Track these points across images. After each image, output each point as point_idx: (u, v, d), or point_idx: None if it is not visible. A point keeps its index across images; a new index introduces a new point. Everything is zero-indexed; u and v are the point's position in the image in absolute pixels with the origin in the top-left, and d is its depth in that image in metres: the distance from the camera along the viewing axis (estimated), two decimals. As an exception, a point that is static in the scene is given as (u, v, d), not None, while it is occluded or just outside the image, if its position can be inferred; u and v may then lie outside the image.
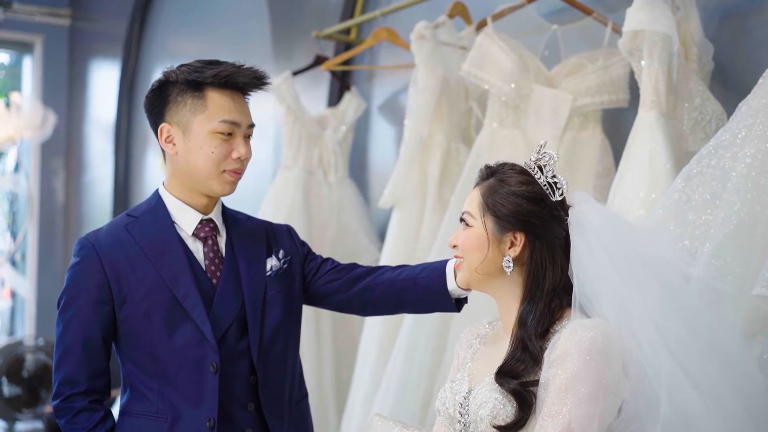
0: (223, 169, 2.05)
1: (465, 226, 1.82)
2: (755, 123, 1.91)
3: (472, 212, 1.80)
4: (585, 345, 1.60)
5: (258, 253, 2.17)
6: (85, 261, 2.06)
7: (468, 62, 2.84)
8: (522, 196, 1.76)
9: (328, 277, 2.22)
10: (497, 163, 1.84)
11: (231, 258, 2.13)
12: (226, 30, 5.16)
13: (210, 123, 2.03)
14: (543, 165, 1.78)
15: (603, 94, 2.71)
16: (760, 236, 1.86)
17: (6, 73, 7.76)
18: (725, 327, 1.74)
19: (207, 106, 2.04)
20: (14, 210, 7.42)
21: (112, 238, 2.08)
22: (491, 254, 1.77)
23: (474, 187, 1.84)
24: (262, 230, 2.23)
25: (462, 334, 1.94)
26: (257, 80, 2.10)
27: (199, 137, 2.04)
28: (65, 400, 2.04)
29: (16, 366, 6.23)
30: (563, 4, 2.82)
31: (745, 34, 2.48)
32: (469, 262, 1.80)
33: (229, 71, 2.05)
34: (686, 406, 1.62)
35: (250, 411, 2.10)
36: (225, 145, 2.04)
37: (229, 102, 2.05)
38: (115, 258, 2.05)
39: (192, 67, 2.06)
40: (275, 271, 2.17)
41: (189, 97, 2.05)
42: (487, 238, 1.77)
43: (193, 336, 2.04)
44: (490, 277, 1.80)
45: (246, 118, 2.08)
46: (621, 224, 1.78)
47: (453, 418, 1.78)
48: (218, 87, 2.05)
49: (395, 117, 3.80)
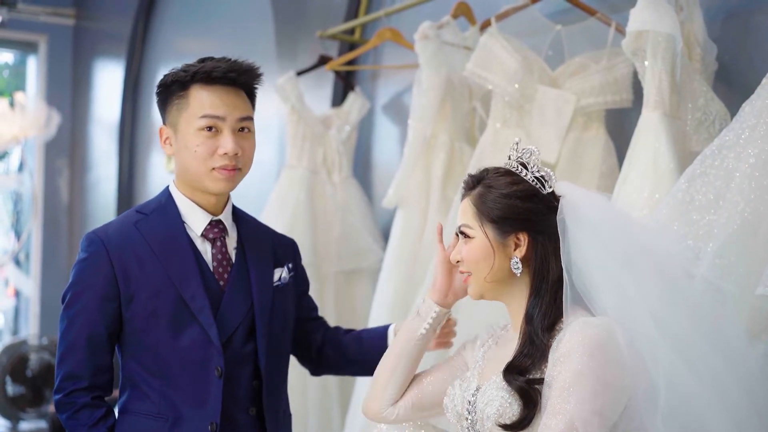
0: (212, 167, 2.04)
1: (465, 240, 1.81)
2: (759, 123, 1.91)
3: (469, 224, 1.80)
4: (589, 343, 1.61)
5: (266, 260, 2.17)
6: (94, 257, 2.05)
7: (472, 62, 2.84)
8: (515, 197, 1.76)
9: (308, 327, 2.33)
10: (479, 171, 1.84)
11: (241, 262, 2.13)
12: (230, 29, 5.17)
13: (193, 120, 2.03)
14: (526, 162, 1.79)
15: (607, 94, 2.71)
16: (763, 236, 1.86)
17: (10, 72, 7.78)
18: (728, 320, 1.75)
19: (189, 103, 2.04)
20: (18, 209, 7.43)
21: (121, 235, 2.07)
22: (499, 260, 1.77)
23: (462, 199, 1.84)
24: (268, 238, 2.23)
25: (478, 335, 1.95)
26: (234, 72, 2.05)
27: (185, 136, 2.04)
28: (68, 395, 2.04)
29: (20, 365, 6.23)
30: (567, 5, 2.82)
31: (749, 35, 2.48)
32: (478, 274, 1.80)
33: (209, 67, 2.04)
34: (687, 394, 1.62)
35: (251, 415, 2.10)
36: (209, 141, 2.03)
37: (211, 97, 2.03)
38: (124, 255, 2.05)
39: (182, 68, 2.06)
40: (283, 283, 2.18)
41: (176, 97, 2.06)
42: (491, 246, 1.77)
43: (199, 338, 2.04)
44: (501, 283, 1.80)
45: (232, 111, 2.04)
46: (611, 209, 1.80)
47: (461, 415, 1.79)
48: (201, 83, 2.04)
49: (399, 117, 3.81)
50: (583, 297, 1.69)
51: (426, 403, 1.94)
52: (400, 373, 1.95)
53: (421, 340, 1.96)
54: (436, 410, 1.95)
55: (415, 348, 1.95)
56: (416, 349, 1.96)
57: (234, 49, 4.89)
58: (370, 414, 1.98)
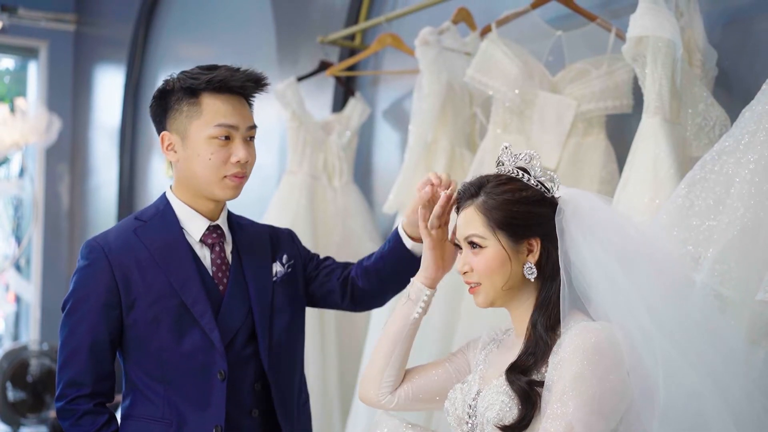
0: (224, 175, 2.06)
1: (474, 250, 1.79)
2: (759, 129, 1.91)
3: (479, 233, 1.78)
4: (589, 347, 1.61)
5: (263, 258, 2.18)
6: (95, 264, 2.06)
7: (472, 68, 2.84)
8: (524, 202, 1.76)
9: (322, 279, 2.27)
10: (476, 179, 1.83)
11: (237, 265, 2.14)
12: (230, 35, 5.17)
13: (206, 128, 2.04)
14: (526, 167, 1.79)
15: (607, 100, 2.71)
16: (763, 242, 1.86)
17: (11, 78, 7.79)
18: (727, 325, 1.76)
19: (202, 111, 2.04)
20: (19, 215, 7.43)
21: (121, 243, 2.08)
22: (513, 268, 1.77)
23: (463, 207, 1.83)
24: (266, 235, 2.23)
25: (481, 336, 1.95)
26: (251, 83, 2.10)
27: (196, 144, 2.05)
28: (70, 403, 2.05)
29: (20, 371, 6.23)
30: (567, 10, 2.82)
31: (749, 40, 2.48)
32: (493, 283, 1.78)
33: (223, 75, 2.05)
34: (688, 393, 1.62)
35: (255, 417, 2.11)
36: (223, 150, 2.04)
37: (225, 106, 2.05)
38: (124, 262, 2.06)
39: (189, 74, 2.07)
40: (281, 277, 2.18)
41: (185, 104, 2.06)
42: (506, 254, 1.76)
43: (201, 342, 2.05)
44: (513, 290, 1.79)
45: (244, 121, 2.07)
46: (610, 211, 1.81)
47: (461, 419, 1.79)
48: (213, 92, 2.05)
49: (400, 122, 3.81)
50: (581, 297, 1.70)
51: (425, 395, 1.96)
52: (396, 357, 1.96)
53: (415, 323, 1.98)
54: (434, 403, 1.97)
55: (410, 332, 1.98)
56: (411, 333, 1.98)
57: (235, 54, 4.91)
58: (368, 400, 2.00)
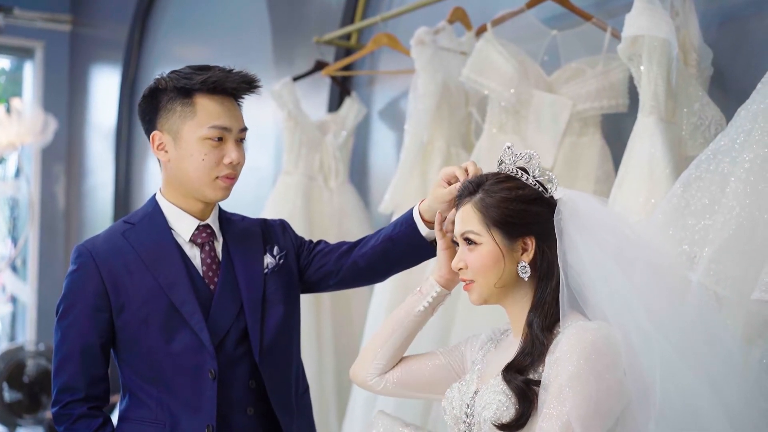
0: (216, 176, 2.05)
1: (470, 246, 1.79)
2: (754, 128, 1.91)
3: (475, 230, 1.77)
4: (586, 346, 1.61)
5: (254, 252, 2.17)
6: (83, 269, 2.06)
7: (468, 67, 2.84)
8: (521, 201, 1.76)
9: (318, 263, 2.23)
10: (478, 177, 1.84)
11: (227, 262, 2.13)
12: (226, 35, 5.17)
13: (200, 129, 2.03)
14: (525, 166, 1.79)
15: (602, 99, 2.71)
16: (759, 241, 1.86)
17: (7, 78, 7.77)
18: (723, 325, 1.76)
19: (196, 112, 2.04)
20: (15, 215, 7.42)
21: (109, 246, 2.08)
22: (507, 266, 1.77)
23: (460, 205, 1.83)
24: (257, 228, 2.22)
25: (480, 335, 1.95)
26: (246, 84, 2.09)
27: (189, 144, 2.04)
28: (64, 407, 2.05)
29: (16, 371, 6.23)
30: (563, 10, 2.82)
31: (745, 40, 2.49)
32: (487, 280, 1.78)
33: (218, 76, 2.04)
34: (684, 392, 1.62)
35: (250, 415, 2.10)
36: (216, 151, 2.04)
37: (219, 107, 2.04)
38: (112, 265, 2.06)
39: (181, 74, 2.06)
40: (272, 269, 2.17)
41: (178, 104, 2.05)
42: (500, 251, 1.76)
43: (191, 343, 2.05)
44: (507, 288, 1.79)
45: (237, 123, 2.07)
46: (608, 211, 1.81)
47: (458, 418, 1.79)
48: (207, 93, 2.04)
49: (395, 122, 3.81)
50: (578, 297, 1.70)
51: (414, 383, 1.96)
52: (392, 344, 1.97)
53: (419, 316, 1.97)
54: (422, 392, 1.98)
55: (412, 323, 1.98)
56: (412, 324, 1.98)
57: (231, 55, 4.90)
58: (357, 380, 2.01)
